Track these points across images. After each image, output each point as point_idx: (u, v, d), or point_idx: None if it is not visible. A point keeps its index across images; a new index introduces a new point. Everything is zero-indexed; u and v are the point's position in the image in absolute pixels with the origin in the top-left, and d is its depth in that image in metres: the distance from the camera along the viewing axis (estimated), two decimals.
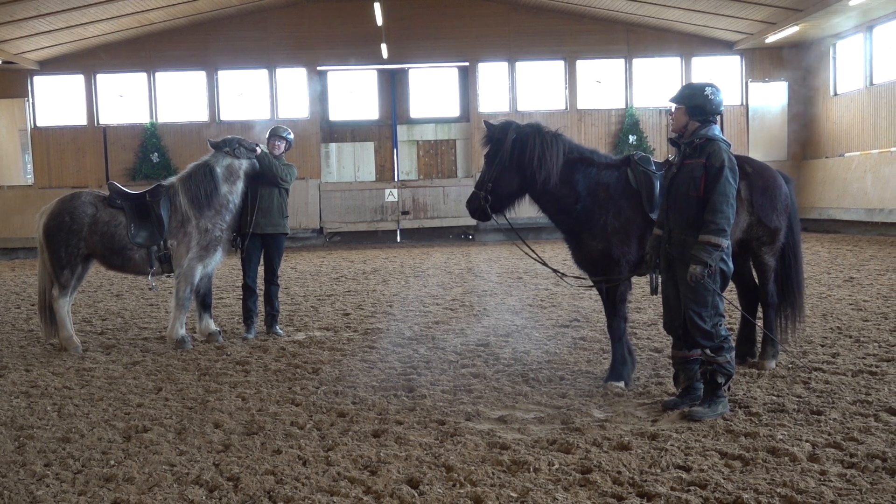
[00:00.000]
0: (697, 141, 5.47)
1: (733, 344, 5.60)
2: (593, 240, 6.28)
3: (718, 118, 5.61)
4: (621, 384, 6.19)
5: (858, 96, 20.77)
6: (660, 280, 5.75)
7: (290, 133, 9.16)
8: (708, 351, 5.36)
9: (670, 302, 5.61)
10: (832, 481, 4.20)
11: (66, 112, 23.14)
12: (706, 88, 5.52)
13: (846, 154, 21.17)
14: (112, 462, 4.80)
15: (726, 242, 5.32)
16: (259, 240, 8.83)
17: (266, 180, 8.68)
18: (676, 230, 5.48)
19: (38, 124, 23.01)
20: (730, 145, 5.52)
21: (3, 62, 20.85)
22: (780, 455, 4.58)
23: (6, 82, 22.53)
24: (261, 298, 9.09)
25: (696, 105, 5.48)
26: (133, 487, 4.38)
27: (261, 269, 9.02)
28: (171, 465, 4.72)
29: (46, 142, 22.89)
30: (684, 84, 5.74)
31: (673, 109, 5.68)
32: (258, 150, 8.63)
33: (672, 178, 5.59)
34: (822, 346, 7.40)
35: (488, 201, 6.39)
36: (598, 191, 6.27)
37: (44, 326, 8.42)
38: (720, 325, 5.41)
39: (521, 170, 6.27)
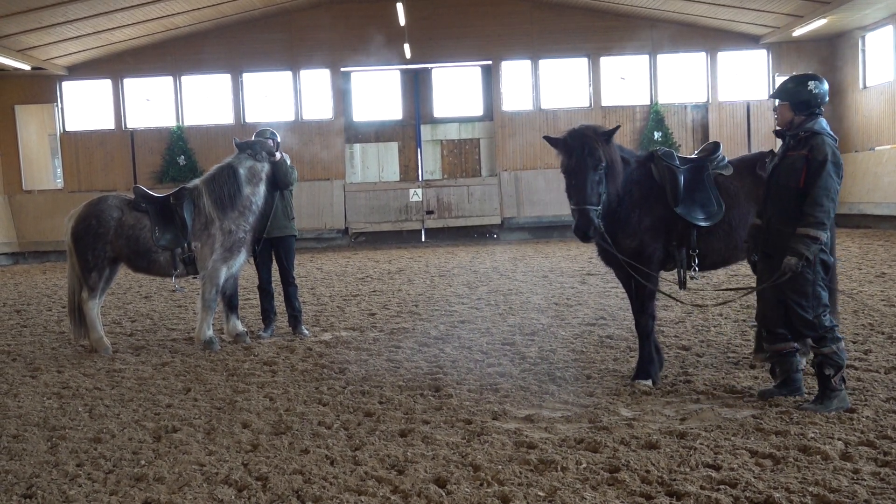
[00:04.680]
0: (802, 134, 5.46)
1: (839, 334, 5.53)
2: (627, 238, 6.22)
3: (824, 109, 5.58)
4: (649, 382, 6.15)
5: (889, 89, 20.43)
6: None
7: (276, 136, 9.08)
8: (811, 342, 5.34)
9: (766, 294, 5.58)
10: (865, 480, 4.13)
11: (94, 116, 23.45)
12: (809, 83, 5.49)
13: (877, 148, 20.82)
14: (143, 462, 4.85)
15: (825, 236, 5.31)
16: (268, 243, 8.91)
17: (277, 186, 8.72)
18: (774, 221, 5.48)
19: (67, 129, 23.34)
20: (836, 140, 5.48)
21: (33, 68, 21.16)
22: (811, 453, 4.52)
23: (35, 88, 22.88)
24: (281, 301, 9.19)
25: (802, 101, 5.48)
26: (163, 487, 4.42)
27: (277, 273, 9.10)
28: (200, 464, 4.75)
29: (75, 146, 23.21)
30: (787, 77, 5.71)
31: (777, 105, 5.63)
32: (277, 155, 8.67)
33: (773, 169, 5.59)
34: (854, 342, 7.29)
35: (599, 216, 5.94)
36: (633, 189, 6.23)
37: (74, 328, 8.53)
38: (823, 316, 5.37)
39: (608, 176, 6.06)
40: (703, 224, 6.28)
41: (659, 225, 6.24)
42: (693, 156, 6.81)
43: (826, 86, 5.54)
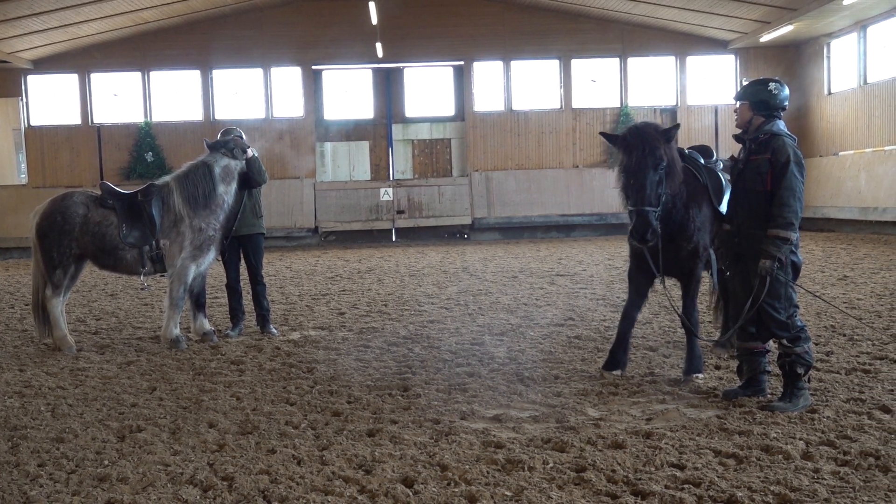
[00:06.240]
0: (762, 137, 5.53)
1: (810, 334, 5.62)
2: (685, 241, 6.15)
3: (783, 113, 5.64)
4: (701, 375, 6.23)
5: (852, 95, 20.83)
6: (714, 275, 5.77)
7: (243, 135, 8.97)
8: (785, 341, 5.42)
9: (738, 295, 5.66)
10: (826, 479, 4.20)
11: (60, 111, 23.09)
12: (770, 84, 5.59)
13: (840, 153, 21.22)
14: (106, 462, 4.78)
15: (795, 235, 5.38)
16: (236, 241, 8.85)
17: (250, 183, 8.66)
18: (745, 225, 5.55)
19: (32, 123, 22.95)
20: (795, 140, 5.56)
21: None
22: (773, 453, 4.59)
23: (0, 82, 22.46)
24: (249, 299, 9.13)
25: (761, 100, 5.55)
26: (127, 487, 4.36)
27: (246, 271, 9.04)
28: (165, 464, 4.70)
29: (40, 141, 22.83)
30: (749, 81, 5.81)
31: (737, 106, 5.70)
32: (250, 152, 8.61)
33: (738, 174, 5.65)
34: (816, 344, 7.40)
35: (658, 217, 5.75)
36: (681, 188, 6.10)
37: (38, 326, 8.39)
38: (795, 316, 5.46)
39: (668, 176, 5.90)
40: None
41: (708, 224, 6.19)
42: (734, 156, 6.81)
43: (787, 91, 5.63)
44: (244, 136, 8.92)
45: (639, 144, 5.78)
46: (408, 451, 4.79)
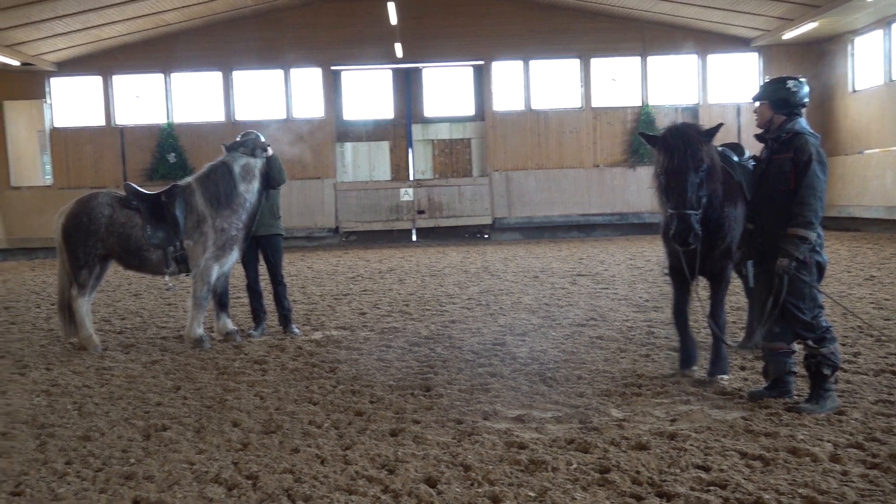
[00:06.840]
0: (784, 136, 5.48)
1: (836, 335, 5.56)
2: (720, 240, 6.05)
3: (804, 110, 5.56)
4: (726, 377, 6.17)
5: (877, 92, 20.56)
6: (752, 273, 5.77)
7: (261, 136, 8.95)
8: (810, 342, 5.37)
9: (762, 296, 5.61)
10: (854, 482, 4.15)
11: (83, 113, 23.32)
12: (789, 82, 5.55)
13: (865, 151, 20.96)
14: (132, 460, 4.83)
15: (815, 235, 5.32)
16: (254, 242, 8.87)
17: (270, 183, 8.68)
18: (768, 225, 5.51)
19: (57, 125, 23.20)
20: (818, 138, 5.49)
21: (22, 64, 21.03)
22: (801, 455, 4.54)
23: (25, 84, 22.73)
24: (271, 299, 9.17)
25: (780, 98, 5.51)
26: (153, 485, 4.40)
27: (266, 271, 9.07)
28: (190, 463, 4.74)
29: (64, 142, 23.07)
30: (767, 80, 5.74)
31: (757, 105, 5.66)
32: (270, 151, 8.64)
33: (762, 174, 5.61)
34: (843, 345, 7.31)
35: (699, 220, 5.68)
36: (719, 188, 5.99)
37: (63, 326, 8.48)
38: (820, 317, 5.40)
39: (708, 178, 5.82)
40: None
41: (741, 221, 6.05)
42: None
43: (807, 88, 5.56)
44: (262, 138, 8.96)
45: (680, 146, 5.68)
46: (431, 451, 4.79)
